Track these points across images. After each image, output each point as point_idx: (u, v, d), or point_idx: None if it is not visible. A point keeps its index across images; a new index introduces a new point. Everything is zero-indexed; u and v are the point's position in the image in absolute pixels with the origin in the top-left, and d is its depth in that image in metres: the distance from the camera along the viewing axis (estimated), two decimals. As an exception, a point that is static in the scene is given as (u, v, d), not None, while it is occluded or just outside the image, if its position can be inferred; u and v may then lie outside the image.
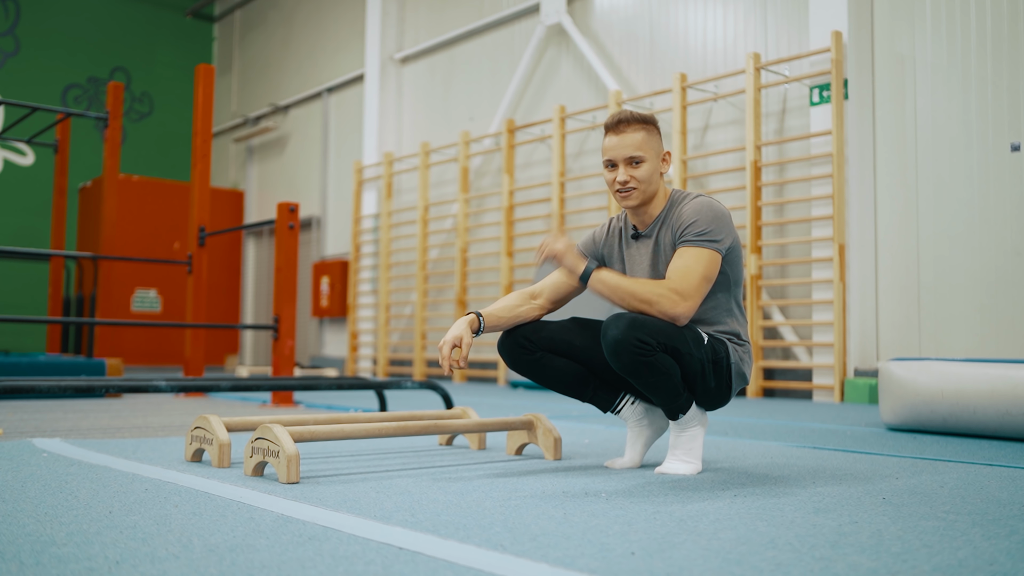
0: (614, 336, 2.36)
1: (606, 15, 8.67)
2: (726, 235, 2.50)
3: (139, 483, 2.20)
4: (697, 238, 2.47)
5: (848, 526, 1.77)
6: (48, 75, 13.35)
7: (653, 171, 2.55)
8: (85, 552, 1.47)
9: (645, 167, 2.53)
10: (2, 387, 3.15)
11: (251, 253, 13.91)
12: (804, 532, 1.71)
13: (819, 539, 1.64)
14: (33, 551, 1.47)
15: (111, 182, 7.08)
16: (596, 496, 2.11)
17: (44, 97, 13.13)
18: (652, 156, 2.55)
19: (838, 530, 1.73)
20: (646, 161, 2.53)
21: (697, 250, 2.47)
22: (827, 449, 3.21)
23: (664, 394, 2.45)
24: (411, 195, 10.67)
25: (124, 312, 12.01)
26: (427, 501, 2.01)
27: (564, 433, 3.61)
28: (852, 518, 1.86)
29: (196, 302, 6.30)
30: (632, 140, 2.53)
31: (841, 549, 1.56)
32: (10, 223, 12.73)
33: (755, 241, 6.87)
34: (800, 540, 1.63)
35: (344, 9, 12.25)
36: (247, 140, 13.98)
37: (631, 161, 2.53)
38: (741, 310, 2.63)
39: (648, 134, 2.55)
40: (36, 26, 13.29)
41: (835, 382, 6.31)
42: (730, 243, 2.52)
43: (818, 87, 6.66)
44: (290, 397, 5.35)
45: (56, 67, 13.45)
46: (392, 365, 10.61)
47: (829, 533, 1.70)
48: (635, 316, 2.40)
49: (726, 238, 2.50)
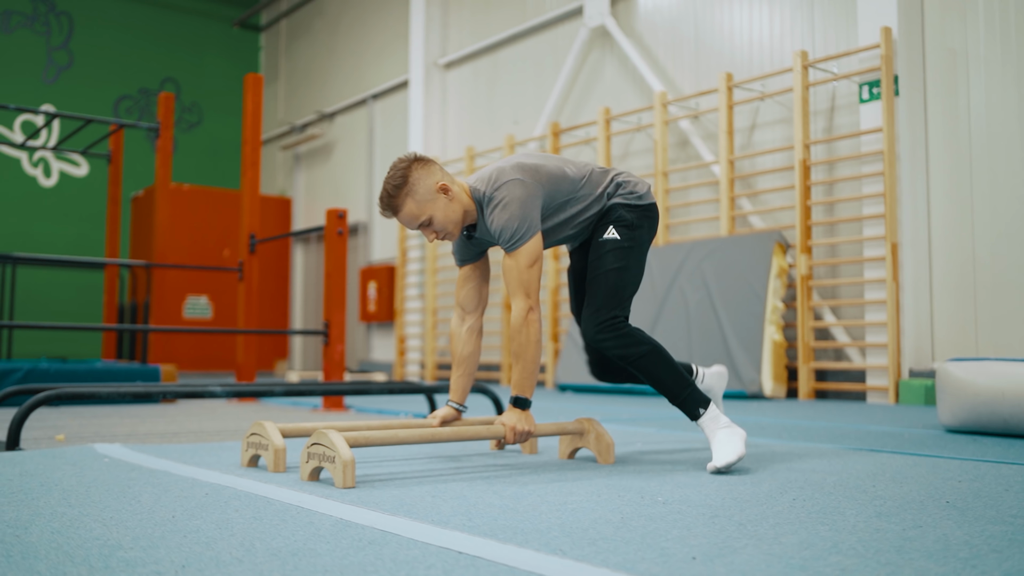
0: (584, 334, 2.79)
1: (650, 16, 8.64)
2: (528, 217, 2.66)
3: (199, 488, 2.23)
4: (509, 245, 2.67)
5: (912, 530, 1.74)
6: (100, 87, 13.64)
7: (443, 214, 2.68)
8: (152, 556, 1.49)
9: (436, 219, 2.68)
10: (66, 394, 3.22)
11: (299, 259, 14.06)
12: (867, 537, 1.68)
13: (883, 544, 1.62)
14: (101, 555, 1.49)
15: (163, 191, 7.20)
16: (652, 500, 2.09)
17: (97, 109, 13.40)
18: (433, 207, 2.66)
19: (902, 535, 1.70)
20: (432, 215, 2.67)
21: (514, 255, 2.67)
22: (885, 452, 3.16)
23: (667, 377, 2.69)
24: (457, 199, 10.70)
25: (176, 319, 12.21)
26: (483, 505, 2.01)
27: (615, 436, 3.59)
28: (916, 522, 1.83)
29: (247, 308, 6.38)
30: (406, 216, 2.67)
31: (907, 554, 1.53)
32: (66, 233, 13.01)
33: (805, 241, 6.79)
34: (864, 545, 1.60)
35: (388, 16, 12.34)
36: (294, 147, 14.14)
37: (422, 225, 2.70)
38: (597, 177, 2.86)
39: (413, 198, 2.65)
40: (88, 40, 13.58)
41: (889, 383, 6.21)
42: (536, 209, 2.68)
43: (868, 84, 6.57)
44: (341, 401, 5.39)
45: (108, 79, 13.73)
46: (440, 369, 10.66)
47: (893, 538, 1.67)
48: (589, 344, 2.79)
49: (529, 217, 2.66)
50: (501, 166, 2.74)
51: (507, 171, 2.70)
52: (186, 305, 12.47)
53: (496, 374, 9.61)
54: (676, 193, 8.18)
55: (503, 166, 2.73)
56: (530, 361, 2.68)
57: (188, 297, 12.50)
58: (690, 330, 7.06)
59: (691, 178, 8.08)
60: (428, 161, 2.70)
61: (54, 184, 13.19)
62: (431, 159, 2.72)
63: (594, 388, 7.65)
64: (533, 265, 2.66)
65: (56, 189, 13.20)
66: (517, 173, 2.69)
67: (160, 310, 7.26)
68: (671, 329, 7.20)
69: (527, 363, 2.69)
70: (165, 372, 6.15)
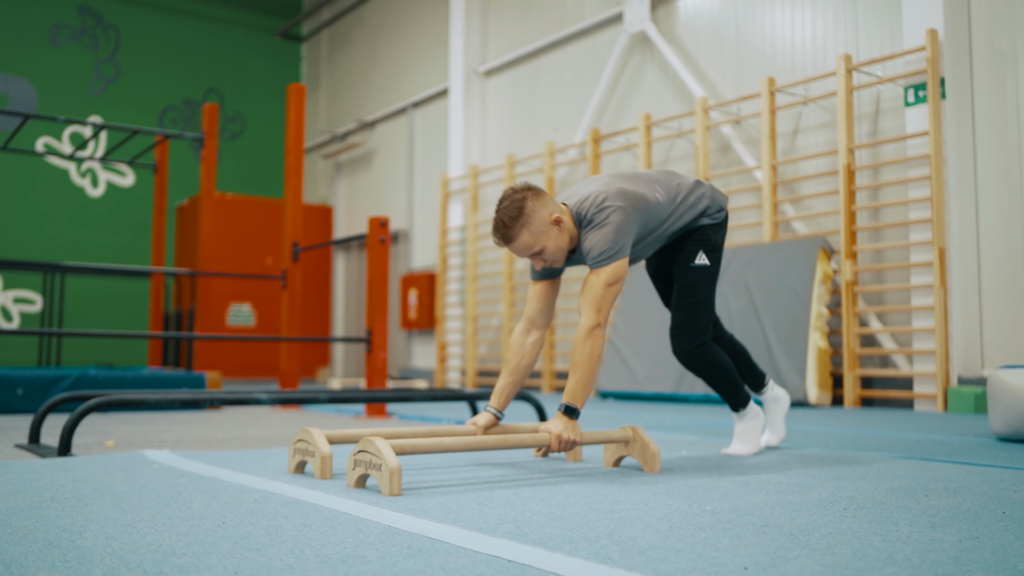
0: (674, 350, 3.11)
1: (690, 21, 8.60)
2: (621, 242, 2.75)
3: (247, 494, 2.25)
4: (595, 262, 2.76)
5: (968, 541, 1.71)
6: (146, 98, 13.87)
7: (555, 244, 2.76)
8: (204, 562, 1.50)
9: (547, 249, 2.76)
10: (116, 400, 3.26)
11: (340, 267, 14.16)
12: (923, 548, 1.65)
13: (940, 555, 1.59)
14: (155, 560, 1.51)
15: (208, 200, 7.29)
16: (700, 509, 2.07)
17: (142, 119, 13.63)
18: (546, 238, 2.74)
19: (958, 545, 1.67)
20: (545, 245, 2.75)
21: (597, 271, 2.76)
22: (936, 460, 3.10)
23: (726, 388, 3.16)
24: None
25: (219, 326, 12.35)
26: (530, 513, 2.01)
27: (660, 444, 3.57)
28: (972, 533, 1.79)
29: (291, 316, 6.43)
30: (520, 246, 2.75)
31: (965, 566, 1.50)
32: (112, 242, 13.24)
33: (849, 246, 6.71)
34: (920, 556, 1.58)
35: (428, 25, 12.41)
36: (335, 156, 14.26)
37: (533, 254, 2.77)
38: (684, 199, 3.00)
39: (528, 229, 2.72)
40: (135, 52, 13.82)
41: (938, 391, 6.11)
42: (630, 237, 2.79)
43: (913, 87, 6.48)
44: (383, 408, 5.42)
45: (154, 90, 13.96)
46: (480, 376, 10.67)
47: (949, 549, 1.64)
48: (672, 328, 3.09)
49: (621, 242, 2.75)
50: (605, 190, 2.80)
51: (611, 196, 2.77)
52: (229, 312, 12.62)
53: (538, 381, 9.61)
54: (718, 199, 8.12)
55: (607, 190, 2.79)
56: (588, 373, 2.72)
57: (231, 304, 12.65)
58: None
59: (733, 183, 8.02)
60: (541, 192, 2.78)
61: (101, 194, 13.43)
62: (542, 189, 2.80)
63: (636, 395, 7.61)
64: (612, 285, 2.74)
65: (103, 199, 13.43)
66: (620, 200, 2.77)
67: (204, 317, 7.35)
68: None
69: (584, 374, 2.72)
70: (210, 379, 6.22)
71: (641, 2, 8.89)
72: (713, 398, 6.93)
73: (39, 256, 12.56)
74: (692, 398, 7.12)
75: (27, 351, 12.02)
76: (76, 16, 13.42)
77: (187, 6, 14.33)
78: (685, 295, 3.06)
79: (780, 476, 2.67)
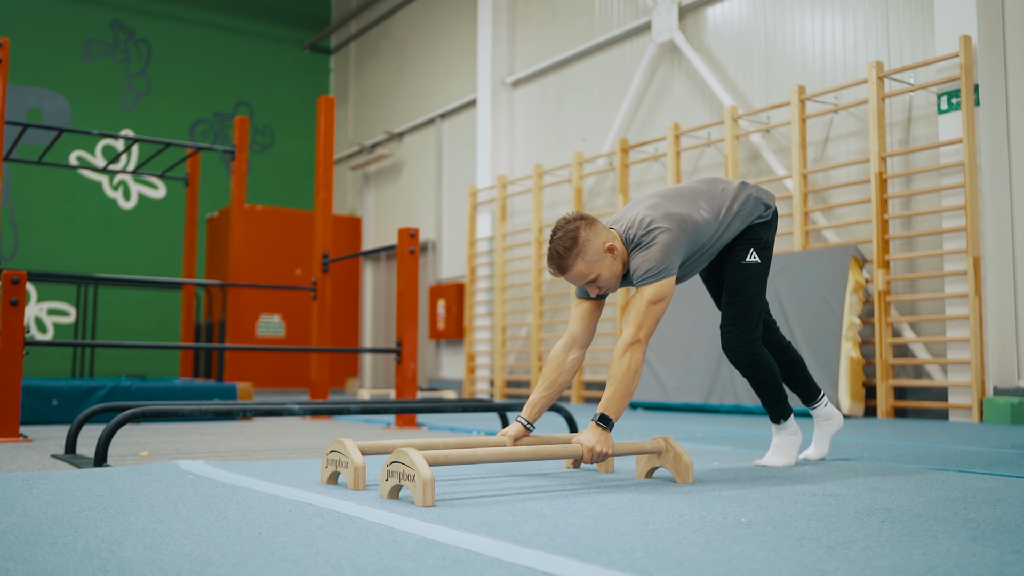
0: (724, 347, 3.12)
1: (719, 30, 8.58)
2: (668, 261, 2.78)
3: (282, 505, 2.26)
4: (641, 280, 2.79)
5: (1011, 555, 1.68)
6: (177, 111, 14.03)
7: (609, 271, 2.79)
8: (242, 572, 1.51)
9: (602, 276, 2.79)
10: (151, 411, 3.30)
11: (369, 277, 14.23)
12: (964, 561, 1.63)
13: (982, 569, 1.56)
14: (194, 571, 1.52)
15: (238, 212, 7.36)
16: (736, 521, 2.06)
17: (173, 132, 13.78)
18: (600, 266, 2.77)
19: (1000, 559, 1.64)
20: (600, 273, 2.78)
21: (642, 289, 2.79)
22: (973, 472, 3.06)
23: (770, 394, 3.17)
24: (525, 217, 10.74)
25: (249, 337, 12.44)
26: (564, 525, 2.00)
27: (692, 455, 3.55)
28: (1014, 547, 1.76)
29: (321, 327, 6.47)
30: (576, 275, 2.78)
31: (1008, 580, 1.48)
32: (144, 254, 13.39)
33: (882, 255, 6.65)
34: (961, 570, 1.55)
35: (455, 36, 12.47)
36: (364, 167, 14.35)
37: (589, 282, 2.80)
38: (730, 208, 3.01)
39: (583, 259, 2.75)
40: (166, 66, 13.99)
41: (973, 401, 6.03)
42: (678, 257, 2.82)
43: (946, 94, 6.42)
44: (413, 419, 5.43)
45: (184, 104, 14.13)
46: (509, 387, 10.67)
47: (991, 563, 1.61)
48: (722, 325, 3.10)
49: (669, 262, 2.78)
50: (651, 214, 2.83)
51: (658, 219, 2.80)
52: (259, 323, 12.71)
53: (567, 391, 9.60)
54: (747, 208, 8.07)
55: (653, 214, 2.83)
56: (624, 386, 2.72)
57: (261, 315, 12.74)
58: (763, 347, 6.94)
59: (762, 193, 7.96)
60: (593, 220, 2.80)
61: (133, 206, 13.59)
62: (594, 217, 2.82)
63: (666, 405, 7.57)
64: (657, 303, 2.76)
65: (135, 211, 13.59)
66: (667, 222, 2.81)
67: (235, 328, 7.40)
68: (744, 346, 7.09)
69: (620, 387, 2.72)
70: (242, 390, 6.26)
71: (669, 11, 8.89)
72: (744, 408, 6.88)
73: (72, 268, 12.72)
74: (723, 408, 7.07)
75: (61, 362, 12.16)
76: (108, 31, 13.61)
77: (217, 20, 14.49)
78: (736, 292, 3.07)
79: (815, 487, 2.64)
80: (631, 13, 9.62)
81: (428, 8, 13.20)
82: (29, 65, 12.76)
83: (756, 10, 8.21)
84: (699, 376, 7.35)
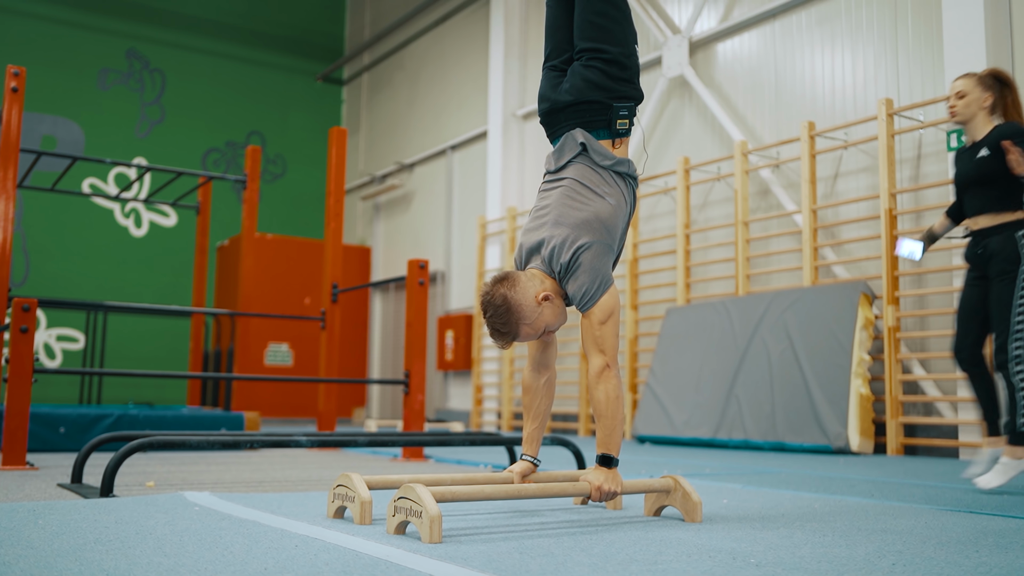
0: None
1: (729, 65, 8.62)
2: (599, 274, 2.68)
3: (288, 539, 2.25)
4: (582, 305, 2.72)
5: (1025, 602, 1.66)
6: (190, 140, 14.14)
7: (553, 316, 2.75)
8: (247, 610, 1.50)
9: (550, 323, 2.77)
10: (159, 442, 3.29)
11: (377, 307, 14.24)
12: (977, 607, 1.61)
13: (995, 616, 1.54)
14: (199, 608, 1.51)
15: (249, 241, 7.38)
16: (745, 562, 2.04)
17: (186, 161, 13.88)
18: (543, 318, 2.72)
19: (1014, 606, 1.62)
20: (546, 323, 2.75)
21: (587, 314, 2.72)
22: (985, 513, 3.03)
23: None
24: (534, 249, 10.73)
25: (258, 366, 12.44)
26: (572, 563, 1.99)
27: (701, 492, 3.52)
28: (1028, 593, 1.74)
29: (329, 357, 6.46)
30: (525, 337, 2.74)
31: (1022, 628, 1.46)
32: (154, 281, 13.44)
33: (892, 292, 6.63)
34: (974, 617, 1.53)
35: (467, 69, 12.56)
36: (374, 197, 14.41)
37: (541, 335, 2.79)
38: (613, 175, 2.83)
39: (524, 322, 2.69)
40: (180, 95, 14.12)
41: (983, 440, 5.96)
42: (607, 264, 2.72)
43: (956, 131, 6.43)
44: (421, 452, 5.40)
45: (197, 132, 14.24)
46: (516, 419, 10.63)
47: (1005, 609, 1.59)
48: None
49: (599, 274, 2.68)
50: (565, 235, 2.70)
51: (572, 238, 2.69)
52: (268, 352, 12.72)
53: (574, 424, 9.55)
54: (757, 243, 8.09)
55: (566, 235, 2.70)
56: (611, 418, 2.67)
57: (269, 344, 12.75)
58: (772, 382, 6.92)
59: (772, 227, 7.98)
60: (514, 279, 2.68)
61: (144, 234, 13.66)
62: (510, 274, 2.71)
63: (673, 440, 7.53)
64: (606, 322, 2.69)
65: (146, 239, 13.66)
66: (584, 236, 2.70)
67: (243, 357, 7.40)
68: (753, 381, 7.07)
69: (608, 420, 2.68)
70: (249, 419, 6.25)
71: (680, 47, 8.95)
72: (753, 444, 6.84)
73: (83, 295, 12.77)
74: (731, 444, 7.03)
75: (69, 388, 12.18)
76: (124, 60, 13.76)
77: (231, 51, 14.64)
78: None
79: (824, 527, 2.62)
80: (642, 48, 9.67)
81: (440, 41, 13.31)
82: (44, 93, 12.89)
83: (766, 46, 8.25)
84: (708, 411, 7.32)
